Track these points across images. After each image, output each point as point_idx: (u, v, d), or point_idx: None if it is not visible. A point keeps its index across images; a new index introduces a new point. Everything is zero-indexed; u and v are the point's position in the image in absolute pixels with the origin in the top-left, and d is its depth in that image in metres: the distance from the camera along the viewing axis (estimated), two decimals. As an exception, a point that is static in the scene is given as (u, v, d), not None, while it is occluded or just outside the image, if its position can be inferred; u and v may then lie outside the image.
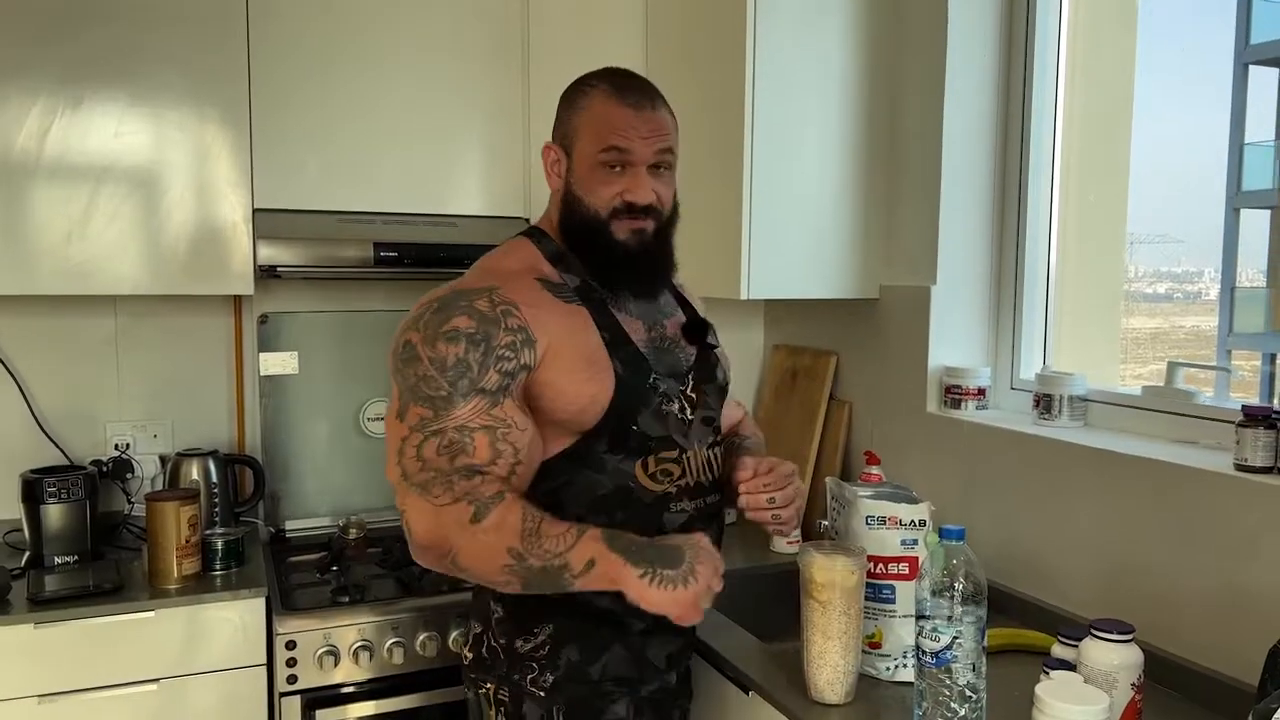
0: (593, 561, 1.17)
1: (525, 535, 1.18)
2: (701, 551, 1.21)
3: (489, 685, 1.40)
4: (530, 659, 1.36)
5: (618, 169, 1.32)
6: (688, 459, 1.37)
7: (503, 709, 1.38)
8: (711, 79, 2.07)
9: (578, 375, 1.29)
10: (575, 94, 1.38)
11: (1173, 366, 1.68)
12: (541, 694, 1.35)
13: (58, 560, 1.94)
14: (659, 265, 1.39)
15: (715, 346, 1.49)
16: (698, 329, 1.46)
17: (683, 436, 1.37)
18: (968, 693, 1.18)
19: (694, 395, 1.40)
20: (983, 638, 1.19)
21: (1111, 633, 1.25)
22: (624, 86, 1.35)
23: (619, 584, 1.17)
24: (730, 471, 1.42)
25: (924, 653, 1.19)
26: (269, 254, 1.96)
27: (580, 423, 1.30)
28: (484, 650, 1.42)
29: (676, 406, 1.37)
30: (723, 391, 1.48)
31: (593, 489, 1.32)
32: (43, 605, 1.74)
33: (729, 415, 1.63)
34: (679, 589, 1.17)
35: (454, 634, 1.86)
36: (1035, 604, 1.72)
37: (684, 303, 1.52)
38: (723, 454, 1.48)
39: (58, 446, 2.14)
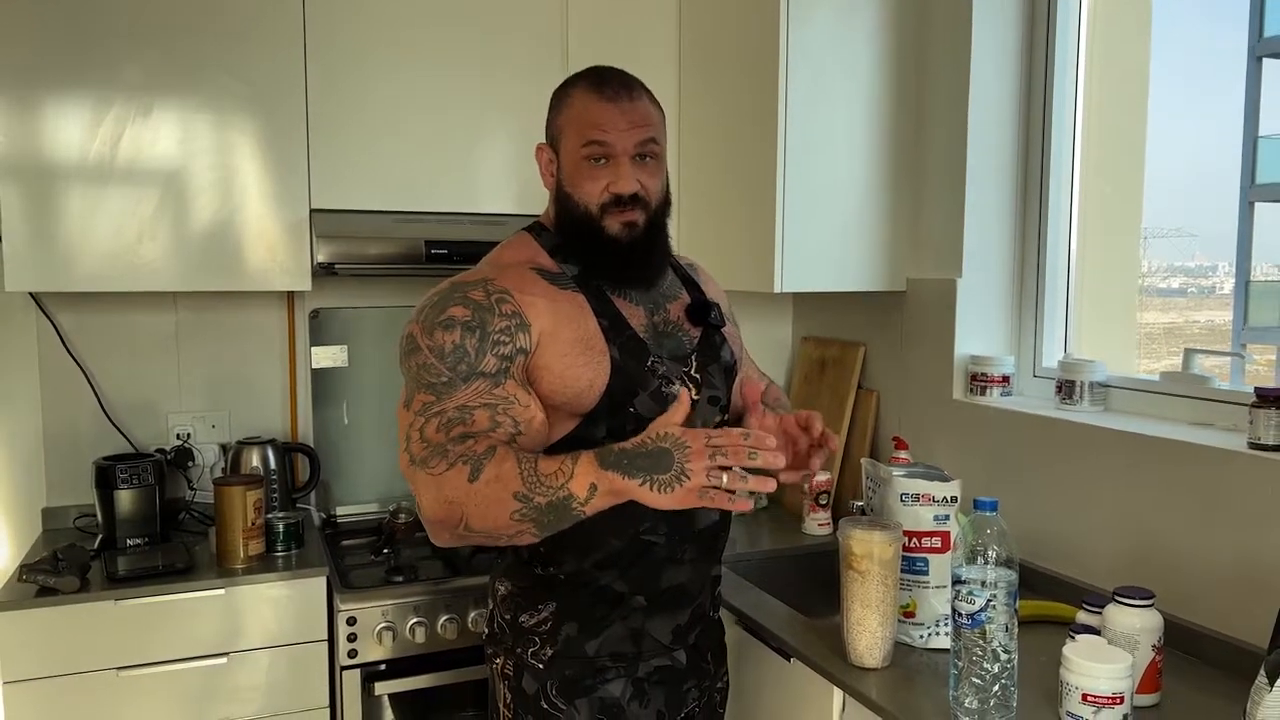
0: (594, 485, 1.17)
1: (525, 477, 1.19)
2: (687, 449, 1.15)
3: (499, 660, 1.45)
4: (533, 633, 1.41)
5: (601, 162, 1.34)
6: None
7: (507, 682, 1.43)
8: (745, 81, 2.16)
9: (574, 360, 1.32)
10: (559, 94, 1.41)
11: (1189, 353, 1.76)
12: (540, 666, 1.40)
13: (129, 542, 2.05)
14: (651, 256, 1.41)
15: (721, 326, 1.49)
16: (700, 310, 1.46)
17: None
18: (1000, 652, 1.27)
19: (698, 376, 1.42)
20: (1014, 601, 1.28)
21: (1134, 598, 1.35)
22: (602, 81, 1.36)
23: (625, 495, 1.17)
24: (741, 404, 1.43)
25: (959, 615, 1.28)
26: (328, 252, 2.05)
27: (579, 406, 1.33)
28: (495, 625, 1.48)
29: (678, 388, 1.38)
30: (729, 371, 1.49)
31: None
32: (121, 583, 1.85)
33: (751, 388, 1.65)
34: (678, 488, 1.15)
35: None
36: (1061, 579, 1.80)
37: (691, 284, 1.53)
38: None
39: (124, 435, 2.25)
